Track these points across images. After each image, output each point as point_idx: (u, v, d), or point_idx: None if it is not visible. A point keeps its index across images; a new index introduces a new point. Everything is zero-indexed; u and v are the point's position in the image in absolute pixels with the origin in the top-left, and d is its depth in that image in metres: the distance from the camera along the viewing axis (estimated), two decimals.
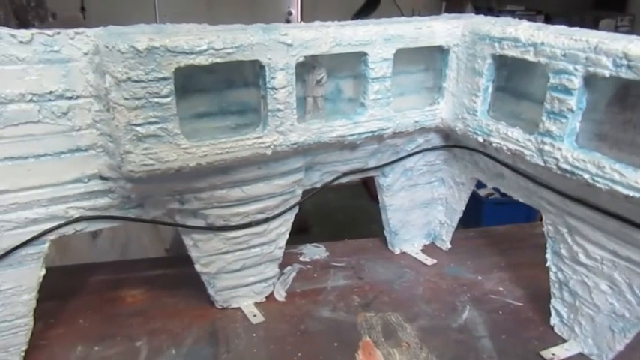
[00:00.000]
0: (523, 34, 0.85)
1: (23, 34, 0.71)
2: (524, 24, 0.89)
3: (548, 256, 0.95)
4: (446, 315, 1.02)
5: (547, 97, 0.82)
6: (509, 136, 0.90)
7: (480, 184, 1.15)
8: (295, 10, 4.08)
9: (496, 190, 1.08)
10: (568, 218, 0.89)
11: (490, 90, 0.96)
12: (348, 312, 1.03)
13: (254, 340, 0.95)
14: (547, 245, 0.95)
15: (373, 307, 1.04)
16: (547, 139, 0.83)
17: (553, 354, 0.91)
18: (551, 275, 0.96)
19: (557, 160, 0.81)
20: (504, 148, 0.91)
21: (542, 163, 0.84)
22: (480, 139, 0.97)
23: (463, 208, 1.19)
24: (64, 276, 1.10)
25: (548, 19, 3.38)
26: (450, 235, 1.24)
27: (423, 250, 1.25)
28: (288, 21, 4.11)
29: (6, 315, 0.83)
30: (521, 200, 1.00)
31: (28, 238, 0.80)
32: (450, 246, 1.25)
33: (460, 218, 1.20)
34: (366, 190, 3.20)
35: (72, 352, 0.91)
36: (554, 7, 3.44)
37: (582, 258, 0.87)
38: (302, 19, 4.10)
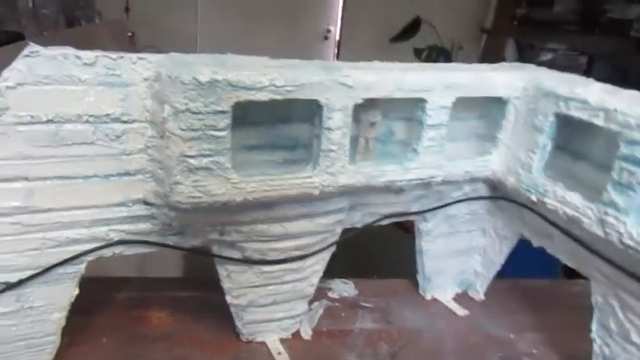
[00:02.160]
0: (593, 96, 0.82)
1: (88, 56, 0.70)
2: (595, 85, 0.86)
3: (594, 327, 0.91)
4: None
5: (615, 166, 0.78)
6: (567, 200, 0.87)
7: None
8: (334, 28, 4.08)
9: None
10: (621, 292, 0.85)
11: (549, 148, 0.93)
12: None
13: None
14: (594, 315, 0.91)
15: (401, 357, 1.01)
16: (611, 211, 0.79)
17: None
18: (596, 348, 0.91)
19: (620, 234, 0.78)
20: (560, 211, 0.88)
21: (602, 234, 0.81)
22: (534, 198, 0.93)
23: (502, 262, 1.15)
24: (91, 289, 1.08)
25: (592, 61, 3.32)
26: (484, 287, 1.20)
27: (454, 299, 1.21)
28: (326, 38, 4.13)
29: (35, 332, 0.82)
30: (569, 264, 0.96)
31: (67, 257, 0.79)
32: (483, 298, 1.21)
33: None
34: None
35: None
36: (598, 48, 3.37)
37: (635, 337, 0.83)
38: (340, 38, 4.11)
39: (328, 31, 4.10)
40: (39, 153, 0.72)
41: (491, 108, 1.01)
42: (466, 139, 1.04)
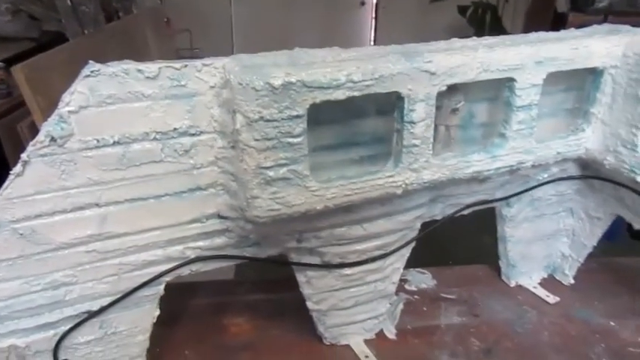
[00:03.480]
0: None
1: (150, 68, 0.65)
2: None
3: None
4: None
5: None
6: None
7: None
8: None
9: None
10: None
11: None
12: (469, 358, 0.94)
13: None
14: None
15: (496, 355, 0.94)
16: None
17: None
18: None
19: None
20: None
21: None
22: (639, 179, 0.83)
23: (594, 244, 1.06)
24: (164, 297, 1.06)
25: None
26: (574, 270, 1.12)
27: (541, 284, 1.13)
28: (363, 4, 3.96)
29: (121, 356, 0.80)
30: None
31: (144, 280, 0.76)
32: (572, 281, 1.13)
33: None
34: None
35: None
36: None
37: None
38: (378, 2, 3.93)
39: (363, 3, 3.92)
40: (108, 177, 0.68)
41: (581, 79, 0.90)
42: (553, 116, 0.94)
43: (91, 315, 0.74)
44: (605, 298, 1.09)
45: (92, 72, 0.63)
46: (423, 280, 1.16)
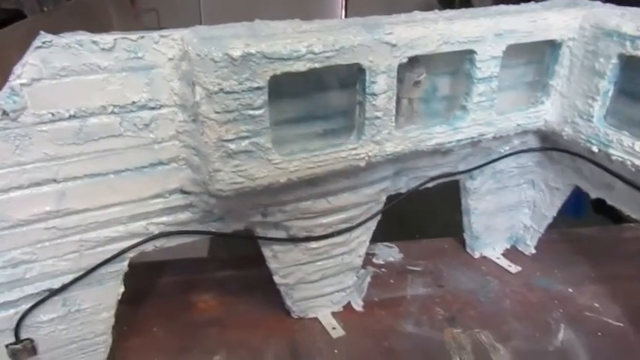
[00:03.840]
0: None
1: (105, 40, 0.63)
2: None
3: None
4: (540, 335, 0.94)
5: None
6: (636, 151, 0.79)
7: None
8: None
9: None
10: None
11: (611, 94, 0.84)
12: (433, 327, 0.96)
13: (336, 358, 0.89)
14: None
15: (459, 323, 0.97)
16: None
17: None
18: None
19: None
20: (628, 162, 0.81)
21: None
22: (595, 149, 0.86)
23: (554, 214, 1.09)
24: (131, 275, 1.06)
25: None
26: (535, 241, 1.15)
27: (504, 255, 1.16)
28: None
29: (86, 333, 0.79)
30: (634, 216, 0.90)
31: (107, 256, 0.75)
32: (534, 251, 1.16)
33: None
34: None
35: None
36: None
37: None
38: None
39: None
40: (65, 152, 0.67)
41: (540, 52, 0.92)
42: (514, 89, 0.95)
43: (53, 293, 0.73)
44: (565, 266, 1.13)
45: (44, 43, 0.61)
46: (390, 253, 1.18)
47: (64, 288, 0.74)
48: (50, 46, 0.61)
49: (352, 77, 0.76)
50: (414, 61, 0.81)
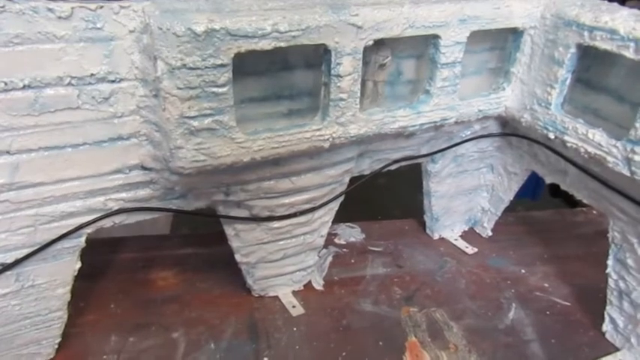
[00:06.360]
0: (623, 26, 0.75)
1: (62, 8, 0.60)
2: (623, 12, 0.79)
3: (610, 262, 0.90)
4: (492, 314, 0.98)
5: None
6: (589, 138, 0.82)
7: None
8: None
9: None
10: None
11: (568, 82, 0.87)
12: (391, 306, 0.99)
13: (295, 336, 0.91)
14: (610, 251, 0.90)
15: (416, 302, 1.00)
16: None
17: None
18: (611, 283, 0.91)
19: None
20: (582, 149, 0.84)
21: (628, 174, 0.77)
22: (551, 135, 0.89)
23: (511, 198, 1.12)
24: (90, 251, 1.04)
25: None
26: (492, 223, 1.19)
27: (462, 237, 1.20)
28: None
29: (40, 309, 0.78)
30: (585, 201, 0.94)
31: (64, 232, 0.73)
32: (490, 234, 1.20)
33: None
34: None
35: (106, 342, 0.86)
36: None
37: None
38: None
39: None
40: (19, 123, 0.64)
41: (503, 39, 0.94)
42: (477, 75, 0.97)
43: (5, 267, 0.71)
44: (519, 248, 1.17)
45: None
46: (352, 233, 1.20)
47: (17, 263, 0.72)
48: (2, 12, 0.58)
49: (318, 57, 0.76)
50: (379, 44, 0.81)
